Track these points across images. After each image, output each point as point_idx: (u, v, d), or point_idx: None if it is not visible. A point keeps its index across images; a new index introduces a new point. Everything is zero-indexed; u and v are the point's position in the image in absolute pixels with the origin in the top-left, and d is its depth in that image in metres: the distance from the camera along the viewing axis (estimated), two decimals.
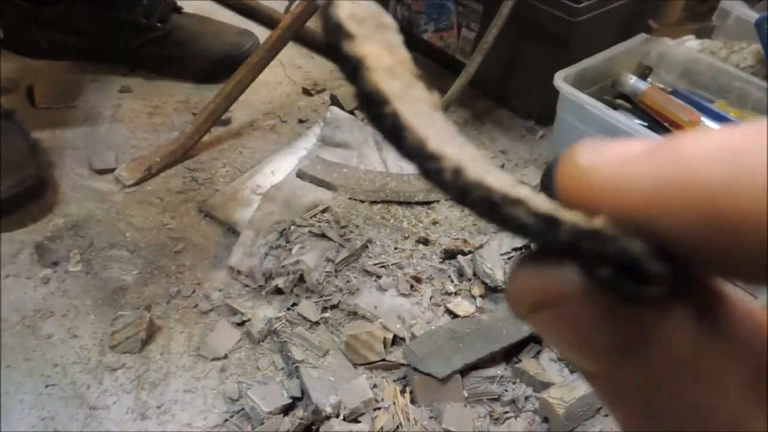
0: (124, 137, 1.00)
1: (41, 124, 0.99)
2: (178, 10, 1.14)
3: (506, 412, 0.65)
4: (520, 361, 0.68)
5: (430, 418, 0.64)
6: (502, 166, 0.99)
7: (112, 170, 0.93)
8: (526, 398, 0.66)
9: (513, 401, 0.66)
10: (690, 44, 1.06)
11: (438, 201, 0.90)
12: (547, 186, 0.94)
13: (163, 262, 0.80)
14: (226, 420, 0.63)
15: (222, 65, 1.11)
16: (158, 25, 1.10)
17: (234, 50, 1.13)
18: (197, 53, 1.13)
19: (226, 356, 0.69)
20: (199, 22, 1.16)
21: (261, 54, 1.01)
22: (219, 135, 1.04)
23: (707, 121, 0.92)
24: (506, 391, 0.66)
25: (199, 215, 0.88)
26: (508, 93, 1.15)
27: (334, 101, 1.12)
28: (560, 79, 0.94)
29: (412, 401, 0.65)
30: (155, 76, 1.13)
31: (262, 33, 1.15)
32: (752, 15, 1.11)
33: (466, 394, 0.66)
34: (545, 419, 0.65)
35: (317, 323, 0.72)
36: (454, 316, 0.73)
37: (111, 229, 0.84)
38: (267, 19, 1.28)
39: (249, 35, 1.16)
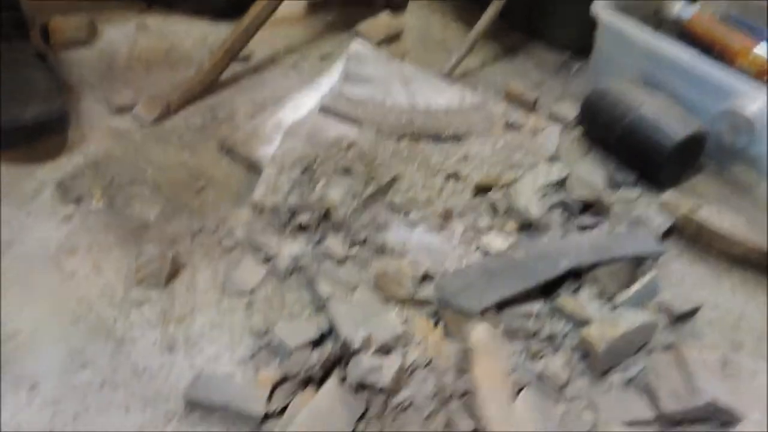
0: (141, 75, 0.97)
1: (59, 64, 0.96)
2: None
3: (543, 349, 0.62)
4: (558, 296, 0.65)
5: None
6: (535, 102, 0.94)
7: (130, 108, 0.90)
8: (565, 335, 0.63)
9: (550, 337, 0.63)
10: None
11: (468, 136, 0.86)
12: (585, 117, 0.89)
13: (185, 200, 0.78)
14: (253, 354, 0.62)
15: (238, 2, 1.06)
16: None
17: None
18: None
19: (252, 292, 0.68)
20: None
21: None
22: (239, 72, 1.00)
23: (761, 48, 0.85)
24: (543, 327, 0.63)
25: (220, 152, 0.85)
26: (542, 25, 1.08)
27: (358, 34, 1.07)
28: (599, 6, 0.88)
29: (445, 337, 0.63)
30: (172, 12, 1.09)
31: None
32: None
33: (501, 331, 0.63)
34: (584, 356, 0.62)
35: (345, 259, 0.69)
36: (487, 252, 0.70)
37: (131, 167, 0.82)
38: None
39: None
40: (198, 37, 1.06)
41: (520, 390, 0.59)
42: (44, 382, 0.58)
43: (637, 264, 0.69)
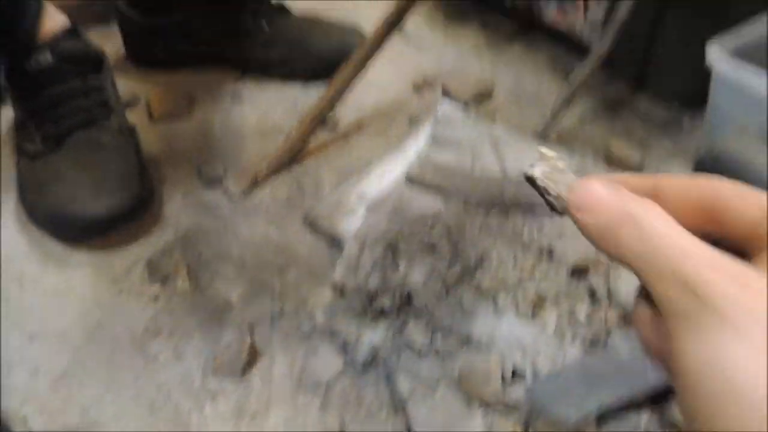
0: (233, 146, 0.99)
1: (157, 137, 1.00)
2: (285, 12, 1.12)
3: None
4: (669, 407, 0.56)
5: None
6: (641, 165, 0.85)
7: (220, 180, 0.92)
8: None
9: None
10: None
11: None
12: None
13: (267, 278, 0.77)
14: None
15: (329, 65, 1.06)
16: (265, 28, 1.08)
17: (341, 48, 1.08)
18: (304, 54, 1.09)
19: (328, 385, 0.64)
20: (304, 22, 1.12)
21: (365, 50, 0.95)
22: (326, 139, 0.99)
23: None
24: None
25: (304, 225, 0.84)
26: (648, 73, 1.00)
27: (446, 94, 1.04)
28: (715, 53, 0.78)
29: None
30: (264, 78, 1.11)
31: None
32: None
33: None
34: None
35: (426, 351, 0.65)
36: (586, 347, 0.62)
37: (218, 243, 0.82)
38: None
39: (354, 32, 1.11)
40: (289, 103, 1.07)
41: None
42: None
43: None
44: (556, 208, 0.26)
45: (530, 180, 0.27)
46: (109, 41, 1.13)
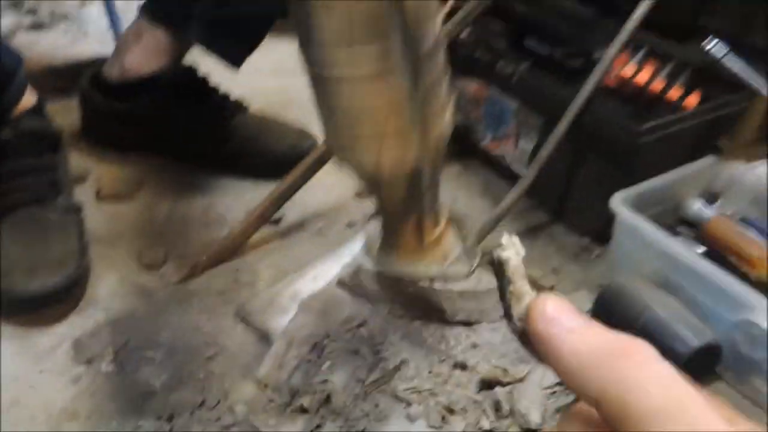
0: (176, 233, 1.03)
1: (102, 216, 1.03)
2: (243, 109, 1.19)
3: None
4: None
5: None
6: (552, 288, 0.94)
7: (159, 266, 0.95)
8: None
9: None
10: (762, 170, 1.00)
11: (480, 322, 0.86)
12: (599, 313, 0.88)
13: (193, 368, 0.79)
14: None
15: (281, 165, 1.12)
16: (224, 123, 1.15)
17: (292, 150, 1.15)
18: (258, 153, 1.16)
19: None
20: (261, 121, 1.20)
21: (316, 156, 1.02)
22: (267, 234, 1.04)
23: None
24: None
25: (236, 318, 0.88)
26: (565, 207, 1.11)
27: None
28: (618, 202, 0.90)
29: None
30: (216, 171, 1.17)
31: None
32: None
33: None
34: None
35: None
36: None
37: (149, 328, 0.84)
38: None
39: (308, 136, 1.19)
40: (236, 198, 1.12)
41: None
42: None
43: None
44: (511, 310, 0.21)
45: (498, 264, 0.22)
46: (67, 114, 1.18)
